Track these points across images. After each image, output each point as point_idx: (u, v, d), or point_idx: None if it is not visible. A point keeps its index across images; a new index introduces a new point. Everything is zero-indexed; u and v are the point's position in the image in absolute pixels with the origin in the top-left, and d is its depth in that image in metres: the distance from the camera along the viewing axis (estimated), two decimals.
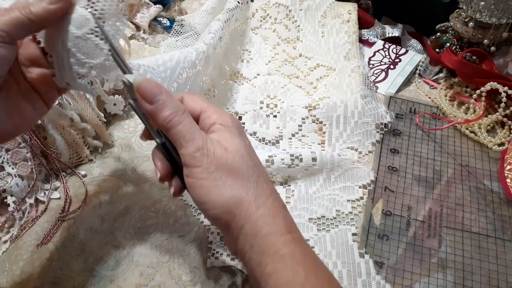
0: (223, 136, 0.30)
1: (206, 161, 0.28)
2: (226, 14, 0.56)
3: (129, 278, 0.40)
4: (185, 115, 0.29)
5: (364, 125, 0.51)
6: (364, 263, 0.40)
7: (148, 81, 0.29)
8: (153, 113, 0.29)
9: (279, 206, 0.30)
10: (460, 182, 0.47)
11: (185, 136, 0.29)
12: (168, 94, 0.30)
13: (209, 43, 0.50)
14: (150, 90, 0.29)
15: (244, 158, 0.30)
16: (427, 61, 0.60)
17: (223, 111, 0.32)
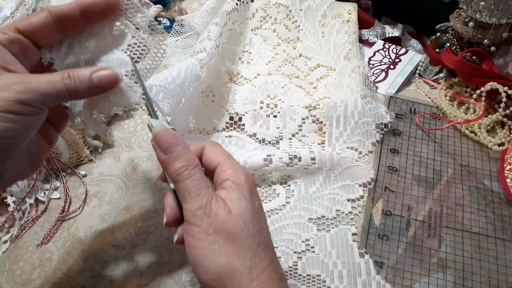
0: (231, 195, 0.29)
1: (207, 221, 0.27)
2: (223, 18, 0.56)
3: (129, 278, 0.40)
4: (195, 170, 0.29)
5: (364, 125, 0.51)
6: (364, 263, 0.40)
7: (166, 131, 0.29)
8: (165, 163, 0.29)
9: (276, 278, 0.28)
10: (460, 182, 0.47)
11: (191, 192, 0.28)
12: (185, 145, 0.29)
13: (210, 52, 0.51)
14: (166, 140, 0.29)
15: (247, 224, 0.28)
16: (427, 61, 0.60)
17: (239, 167, 0.31)
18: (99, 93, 0.29)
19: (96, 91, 0.29)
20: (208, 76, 0.54)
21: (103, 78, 0.28)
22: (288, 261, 0.41)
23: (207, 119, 0.52)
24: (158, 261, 0.41)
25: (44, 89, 0.26)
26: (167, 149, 0.29)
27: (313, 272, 0.40)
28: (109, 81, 0.29)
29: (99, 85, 0.28)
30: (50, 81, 0.27)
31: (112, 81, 0.29)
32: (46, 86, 0.26)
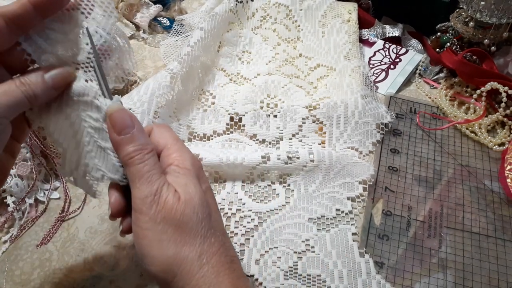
0: (177, 180, 0.28)
1: (155, 209, 0.26)
2: (210, 22, 0.56)
3: (129, 278, 0.40)
4: (149, 155, 0.27)
5: (364, 125, 0.51)
6: (364, 262, 0.40)
7: (123, 110, 0.28)
8: (117, 144, 0.27)
9: (226, 262, 0.28)
10: (461, 182, 0.47)
11: (142, 177, 0.27)
12: (140, 129, 0.28)
13: (184, 59, 0.51)
14: (122, 120, 0.27)
15: (196, 210, 0.27)
16: (428, 61, 0.60)
17: (186, 150, 0.30)
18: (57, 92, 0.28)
19: (53, 92, 0.28)
20: (203, 80, 0.55)
21: (56, 77, 0.28)
22: (288, 261, 0.41)
23: (207, 123, 0.52)
24: None
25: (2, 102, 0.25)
26: (121, 130, 0.27)
27: (313, 272, 0.40)
28: (63, 78, 0.28)
29: (54, 85, 0.28)
30: (6, 92, 0.26)
31: (65, 78, 0.28)
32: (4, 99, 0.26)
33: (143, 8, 0.67)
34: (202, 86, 0.55)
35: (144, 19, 0.66)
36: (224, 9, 0.59)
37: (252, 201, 0.46)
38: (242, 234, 0.43)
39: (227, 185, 0.47)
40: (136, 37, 0.66)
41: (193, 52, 0.53)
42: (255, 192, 0.46)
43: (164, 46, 0.63)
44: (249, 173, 0.47)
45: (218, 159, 0.46)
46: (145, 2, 0.67)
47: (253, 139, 0.51)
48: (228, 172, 0.47)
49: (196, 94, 0.54)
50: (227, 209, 0.45)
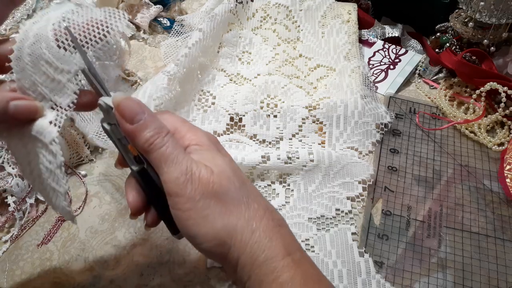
0: (204, 156, 0.27)
1: (190, 188, 0.26)
2: (209, 24, 0.56)
3: (129, 278, 0.40)
4: (168, 137, 0.27)
5: (364, 125, 0.51)
6: (364, 262, 0.40)
7: (129, 99, 0.27)
8: (133, 133, 0.26)
9: (275, 225, 0.27)
10: (460, 182, 0.47)
11: (167, 160, 0.26)
12: (151, 113, 0.27)
13: (181, 61, 0.51)
14: (130, 108, 0.26)
15: (231, 180, 0.27)
16: (427, 61, 0.60)
17: (197, 129, 0.29)
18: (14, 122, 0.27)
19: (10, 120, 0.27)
20: (202, 80, 0.55)
21: (20, 109, 0.27)
22: None
23: (207, 123, 0.52)
24: (158, 261, 0.41)
25: None
26: (133, 118, 0.26)
27: None
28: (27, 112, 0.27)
29: (14, 115, 0.27)
30: None
31: (30, 113, 0.27)
32: None
33: (144, 9, 0.67)
34: (202, 86, 0.55)
35: (145, 20, 0.66)
36: (223, 9, 0.59)
37: None
38: None
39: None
40: (137, 38, 0.67)
41: (191, 53, 0.53)
42: None
43: (164, 47, 0.63)
44: (249, 173, 0.47)
45: None
46: (145, 2, 0.67)
47: (253, 139, 0.51)
48: None
49: (195, 95, 0.55)
50: None
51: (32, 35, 0.27)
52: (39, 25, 0.27)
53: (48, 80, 0.27)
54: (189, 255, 0.42)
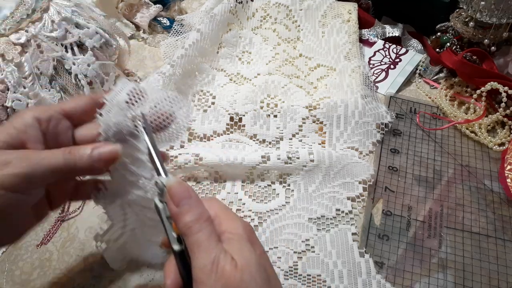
0: (232, 247, 0.28)
1: (214, 278, 0.26)
2: (208, 25, 0.56)
3: (129, 278, 0.40)
4: (206, 224, 0.28)
5: (364, 125, 0.51)
6: (364, 262, 0.40)
7: (180, 183, 0.29)
8: (176, 215, 0.28)
9: None
10: (461, 182, 0.47)
11: (200, 246, 0.27)
12: (197, 199, 0.29)
13: (176, 62, 0.51)
14: (179, 193, 0.28)
15: (253, 276, 0.27)
16: (427, 61, 0.60)
17: (235, 217, 0.30)
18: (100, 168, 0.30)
19: (96, 166, 0.29)
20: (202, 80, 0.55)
21: (104, 154, 0.30)
22: (288, 261, 0.41)
23: (207, 123, 0.52)
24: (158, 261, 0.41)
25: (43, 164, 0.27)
26: (179, 202, 0.28)
27: (313, 272, 0.40)
28: (110, 156, 0.30)
29: (99, 160, 0.29)
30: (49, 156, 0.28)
31: (112, 157, 0.30)
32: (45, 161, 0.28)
33: (143, 8, 0.67)
34: (201, 87, 0.55)
35: (144, 19, 0.66)
36: (223, 9, 0.59)
37: (252, 201, 0.46)
38: None
39: (227, 185, 0.47)
40: (136, 37, 0.67)
41: (188, 54, 0.53)
42: (255, 192, 0.46)
43: (164, 46, 0.63)
44: (249, 173, 0.47)
45: (218, 158, 0.46)
46: (145, 2, 0.67)
47: (253, 139, 0.51)
48: (228, 172, 0.47)
49: (195, 95, 0.54)
50: None
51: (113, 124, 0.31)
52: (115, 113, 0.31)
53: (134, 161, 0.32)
54: None
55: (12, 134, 0.28)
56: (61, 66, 0.47)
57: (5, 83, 0.42)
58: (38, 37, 0.45)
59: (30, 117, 0.29)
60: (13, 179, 0.27)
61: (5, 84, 0.42)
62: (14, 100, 0.42)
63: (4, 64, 0.42)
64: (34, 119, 0.29)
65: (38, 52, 0.45)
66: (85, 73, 0.48)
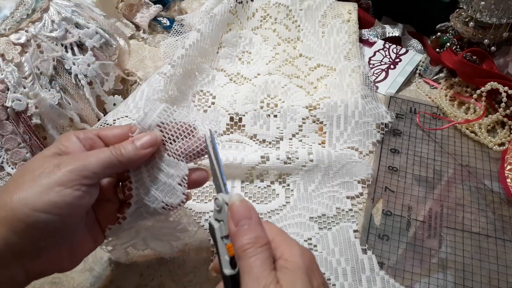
0: (286, 277, 0.26)
1: None
2: (208, 25, 0.56)
3: (129, 278, 0.40)
4: (262, 249, 0.26)
5: (364, 125, 0.51)
6: (367, 259, 0.40)
7: (243, 202, 0.28)
8: (234, 235, 0.27)
9: None
10: (461, 182, 0.47)
11: (251, 272, 0.26)
12: (257, 221, 0.28)
13: (177, 62, 0.51)
14: (240, 211, 0.28)
15: None
16: (428, 61, 0.60)
17: (292, 242, 0.28)
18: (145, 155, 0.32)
19: (141, 153, 0.31)
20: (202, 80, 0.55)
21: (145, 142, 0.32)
22: None
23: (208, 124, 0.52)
24: (158, 261, 0.41)
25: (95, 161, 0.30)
26: (238, 221, 0.27)
27: None
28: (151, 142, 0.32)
29: (142, 147, 0.31)
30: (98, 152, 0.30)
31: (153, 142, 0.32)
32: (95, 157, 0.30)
33: (143, 8, 0.67)
34: (202, 87, 0.55)
35: (144, 19, 0.66)
36: (223, 9, 0.59)
37: (252, 202, 0.46)
38: None
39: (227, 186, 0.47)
40: (136, 37, 0.66)
41: (188, 54, 0.53)
42: (254, 193, 0.46)
43: (164, 46, 0.63)
44: (249, 174, 0.47)
45: None
46: (145, 2, 0.67)
47: (253, 139, 0.51)
48: (227, 172, 0.47)
49: (195, 95, 0.54)
50: None
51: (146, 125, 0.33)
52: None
53: (161, 184, 0.32)
54: (189, 255, 0.42)
55: (60, 148, 0.31)
56: (61, 66, 0.46)
57: (5, 83, 0.42)
58: (38, 37, 0.45)
59: (71, 135, 0.32)
60: (69, 175, 0.28)
61: (5, 84, 0.42)
62: (14, 100, 0.42)
63: (4, 64, 0.42)
64: (75, 137, 0.32)
65: (38, 52, 0.45)
66: (85, 73, 0.48)
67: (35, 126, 0.45)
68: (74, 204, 0.28)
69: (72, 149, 0.31)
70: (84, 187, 0.29)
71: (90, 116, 0.49)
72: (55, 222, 0.28)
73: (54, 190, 0.28)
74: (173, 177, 0.33)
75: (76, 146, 0.31)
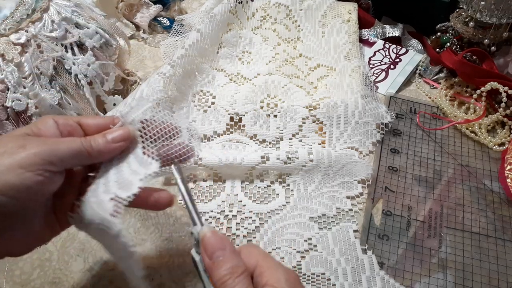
0: None
1: None
2: (208, 25, 0.56)
3: None
4: (240, 278, 0.26)
5: (364, 125, 0.51)
6: (367, 259, 0.40)
7: (214, 234, 0.28)
8: (210, 269, 0.27)
9: None
10: (461, 182, 0.47)
11: None
12: (231, 250, 0.27)
13: (176, 62, 0.51)
14: (212, 244, 0.28)
15: None
16: (428, 61, 0.60)
17: (278, 266, 0.28)
18: (115, 149, 0.31)
19: (111, 147, 0.31)
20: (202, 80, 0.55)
21: (117, 136, 0.31)
22: (291, 261, 0.41)
23: (207, 124, 0.52)
24: (158, 261, 0.41)
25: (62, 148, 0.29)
26: (212, 254, 0.27)
27: (317, 270, 0.40)
28: (122, 137, 0.31)
29: (112, 141, 0.30)
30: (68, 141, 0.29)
31: (124, 137, 0.31)
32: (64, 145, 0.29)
33: (143, 8, 0.67)
34: (201, 87, 0.55)
35: (144, 19, 0.66)
36: (223, 9, 0.59)
37: (252, 202, 0.46)
38: (244, 235, 0.43)
39: (227, 187, 0.47)
40: (136, 37, 0.66)
41: (188, 54, 0.53)
42: (255, 193, 0.46)
43: (164, 46, 0.63)
44: (248, 174, 0.47)
45: (217, 159, 0.46)
46: (145, 2, 0.67)
47: (253, 139, 0.51)
48: (227, 172, 0.47)
49: (195, 96, 0.54)
50: (228, 211, 0.45)
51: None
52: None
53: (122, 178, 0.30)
54: (188, 255, 0.41)
55: (33, 129, 0.30)
56: (61, 66, 0.46)
57: (5, 83, 0.42)
58: (38, 37, 0.45)
59: (49, 119, 0.31)
60: (32, 158, 0.27)
61: (5, 84, 0.42)
62: (14, 100, 0.42)
63: (4, 64, 0.42)
64: (53, 121, 0.31)
65: (38, 52, 0.45)
66: (85, 73, 0.48)
67: None
68: (33, 189, 0.27)
69: (45, 132, 0.30)
70: (47, 173, 0.28)
71: None
72: (12, 205, 0.27)
73: (14, 171, 0.26)
74: (137, 174, 0.30)
75: (51, 130, 0.30)
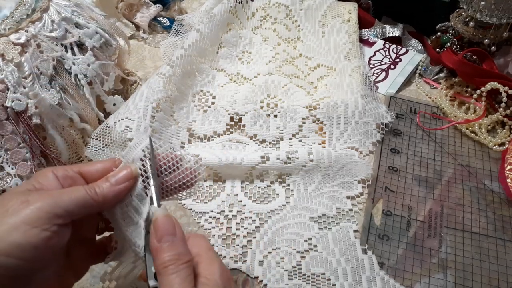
0: None
1: None
2: (208, 25, 0.56)
3: (129, 278, 0.40)
4: (183, 266, 0.26)
5: (364, 125, 0.51)
6: (368, 259, 0.40)
7: (167, 217, 0.28)
8: (155, 251, 0.27)
9: None
10: (461, 182, 0.47)
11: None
12: (181, 238, 0.28)
13: (175, 63, 0.52)
14: (164, 227, 0.27)
15: None
16: (428, 61, 0.60)
17: (215, 260, 0.29)
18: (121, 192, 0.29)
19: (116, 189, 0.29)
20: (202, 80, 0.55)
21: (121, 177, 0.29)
22: (291, 261, 0.41)
23: (207, 124, 0.52)
24: None
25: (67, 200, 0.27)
26: (161, 237, 0.27)
27: (317, 270, 0.40)
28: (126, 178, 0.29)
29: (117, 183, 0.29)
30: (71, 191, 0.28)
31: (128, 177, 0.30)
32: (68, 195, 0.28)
33: (143, 8, 0.67)
34: (201, 87, 0.55)
35: (144, 19, 0.66)
36: (223, 9, 0.59)
37: (252, 202, 0.46)
38: (244, 235, 0.43)
39: (227, 187, 0.47)
40: (136, 37, 0.66)
41: (187, 54, 0.53)
42: (254, 193, 0.46)
43: (164, 46, 0.63)
44: (248, 174, 0.47)
45: (217, 159, 0.46)
46: (145, 2, 0.67)
47: (253, 139, 0.51)
48: (227, 172, 0.47)
49: (195, 96, 0.54)
50: (228, 211, 0.45)
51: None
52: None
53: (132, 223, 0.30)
54: None
55: (34, 184, 0.29)
56: (61, 66, 0.46)
57: (5, 83, 0.42)
58: (38, 37, 0.45)
59: (49, 172, 0.29)
60: (37, 213, 0.26)
61: (5, 84, 0.42)
62: (14, 100, 0.42)
63: (4, 64, 0.42)
64: (53, 174, 0.29)
65: (38, 52, 0.45)
66: (85, 73, 0.48)
67: (35, 126, 0.45)
68: (41, 247, 0.26)
69: (47, 186, 0.29)
70: (54, 227, 0.26)
71: (90, 116, 0.49)
72: (18, 267, 0.25)
73: (20, 229, 0.25)
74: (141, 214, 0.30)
75: (52, 183, 0.29)
